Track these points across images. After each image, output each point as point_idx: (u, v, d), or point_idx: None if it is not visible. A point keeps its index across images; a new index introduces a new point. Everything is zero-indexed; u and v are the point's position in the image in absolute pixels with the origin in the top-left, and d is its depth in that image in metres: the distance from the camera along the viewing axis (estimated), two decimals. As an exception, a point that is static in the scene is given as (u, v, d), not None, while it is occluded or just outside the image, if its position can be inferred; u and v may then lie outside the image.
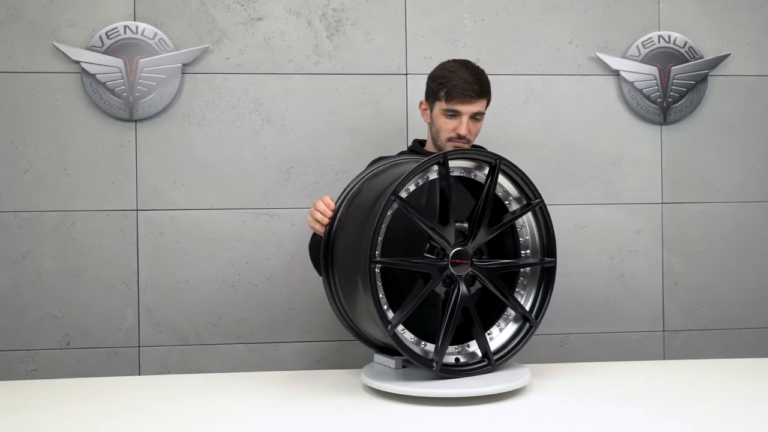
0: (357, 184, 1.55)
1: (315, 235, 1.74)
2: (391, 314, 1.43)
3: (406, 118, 2.34)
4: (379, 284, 1.42)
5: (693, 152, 2.45)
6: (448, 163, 1.47)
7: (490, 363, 1.51)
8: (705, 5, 2.45)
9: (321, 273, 1.59)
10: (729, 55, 2.44)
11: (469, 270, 1.50)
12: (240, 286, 2.29)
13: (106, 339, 2.24)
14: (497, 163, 1.53)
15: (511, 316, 1.59)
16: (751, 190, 2.47)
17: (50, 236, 2.22)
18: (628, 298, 2.43)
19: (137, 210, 2.25)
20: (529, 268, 1.61)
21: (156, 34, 2.24)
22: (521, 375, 1.49)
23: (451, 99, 1.76)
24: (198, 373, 2.23)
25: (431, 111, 1.84)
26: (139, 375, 2.23)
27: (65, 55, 2.21)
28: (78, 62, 2.21)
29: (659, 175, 2.44)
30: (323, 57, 2.32)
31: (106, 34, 2.22)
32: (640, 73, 2.41)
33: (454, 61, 1.82)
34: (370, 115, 2.33)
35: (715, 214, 2.45)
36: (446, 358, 1.49)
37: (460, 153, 1.52)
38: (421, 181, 1.49)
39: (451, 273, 1.47)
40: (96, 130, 2.24)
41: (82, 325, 2.23)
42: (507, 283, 1.59)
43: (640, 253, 2.43)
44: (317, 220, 1.57)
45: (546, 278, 1.59)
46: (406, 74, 2.34)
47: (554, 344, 2.41)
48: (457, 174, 1.53)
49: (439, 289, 1.51)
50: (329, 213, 1.54)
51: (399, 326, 1.44)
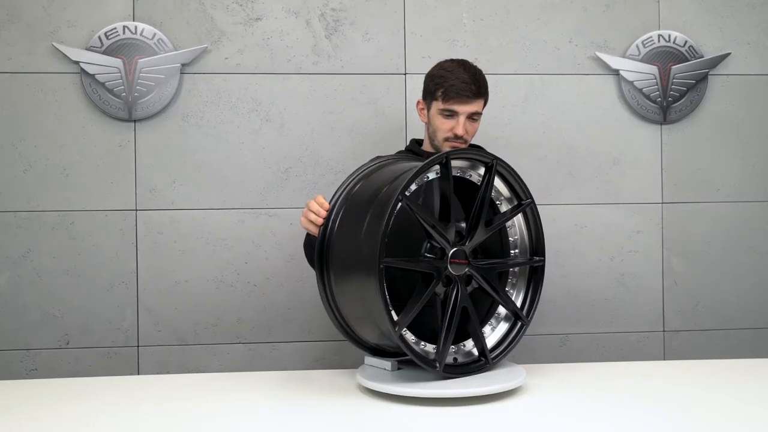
0: (351, 183, 1.55)
1: (309, 233, 1.73)
2: (394, 315, 1.43)
3: (405, 117, 2.33)
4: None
5: (693, 152, 2.44)
6: (450, 163, 1.48)
7: (488, 361, 1.52)
8: (705, 4, 2.44)
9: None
10: (729, 54, 2.43)
11: (466, 270, 1.50)
12: (239, 286, 2.29)
13: (106, 339, 2.25)
14: (494, 164, 1.53)
15: (501, 315, 1.60)
16: (751, 190, 2.46)
17: (49, 236, 2.23)
18: (628, 299, 2.42)
19: (136, 210, 2.26)
20: (518, 267, 1.62)
21: (155, 35, 2.24)
22: (517, 375, 1.49)
23: (448, 99, 1.75)
24: (197, 372, 2.24)
25: (428, 111, 1.83)
26: (138, 375, 2.23)
27: (64, 55, 2.21)
28: (77, 62, 2.22)
29: (659, 175, 2.43)
30: (322, 57, 2.32)
31: (105, 34, 2.23)
32: (640, 72, 2.40)
33: (451, 60, 1.81)
34: (369, 115, 2.33)
35: (716, 213, 2.44)
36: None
37: (460, 153, 1.52)
38: (421, 181, 1.49)
39: (450, 273, 1.48)
40: (95, 130, 2.24)
41: (82, 325, 2.24)
42: (498, 282, 1.59)
43: (640, 253, 2.42)
44: (311, 221, 1.55)
45: (535, 277, 1.61)
46: (405, 74, 2.34)
47: (554, 344, 2.40)
48: (453, 174, 1.52)
49: (439, 289, 1.51)
50: (323, 213, 1.52)
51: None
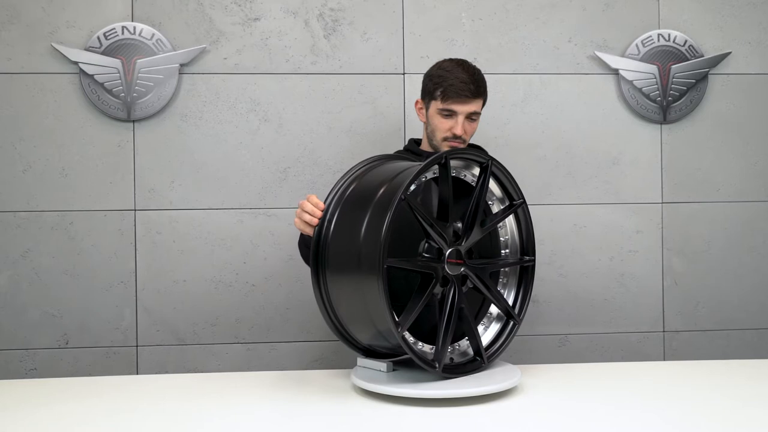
0: (345, 183, 1.54)
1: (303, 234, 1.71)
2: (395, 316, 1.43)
3: (403, 117, 2.33)
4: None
5: (693, 151, 2.43)
6: (449, 164, 1.47)
7: (483, 361, 1.52)
8: (705, 3, 2.42)
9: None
10: (730, 53, 2.42)
11: (462, 269, 1.50)
12: (237, 286, 2.29)
13: (104, 338, 2.25)
14: (489, 164, 1.53)
15: (493, 315, 1.61)
16: (752, 190, 2.44)
17: (49, 236, 2.23)
18: (628, 299, 2.41)
19: (135, 210, 2.26)
20: (508, 267, 1.63)
21: (153, 35, 2.25)
22: (512, 375, 1.49)
23: (447, 99, 1.75)
24: (195, 372, 2.24)
25: (427, 110, 1.83)
26: (137, 374, 2.24)
27: (63, 55, 2.22)
28: (76, 63, 2.22)
29: (659, 175, 2.42)
30: (320, 57, 2.31)
31: (104, 34, 2.23)
32: (639, 71, 2.39)
33: (450, 60, 1.81)
34: (368, 115, 2.32)
35: (716, 213, 2.43)
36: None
37: (459, 153, 1.52)
38: (419, 181, 1.49)
39: (447, 273, 1.48)
40: (94, 130, 2.25)
41: (81, 325, 2.24)
42: (492, 282, 1.58)
43: (639, 253, 2.41)
44: (306, 222, 1.52)
45: (526, 277, 1.62)
46: (404, 74, 2.33)
47: (553, 345, 2.39)
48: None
49: (436, 289, 1.51)
50: (318, 213, 1.50)
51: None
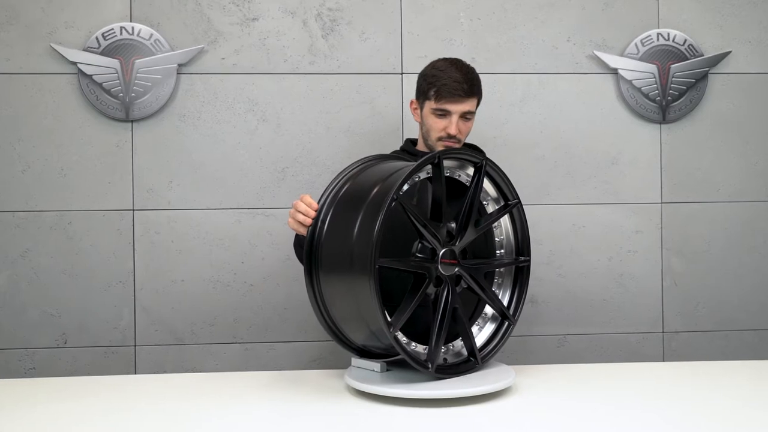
0: (339, 183, 1.54)
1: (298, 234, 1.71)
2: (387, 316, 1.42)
3: (401, 117, 2.33)
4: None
5: (693, 151, 2.42)
6: (442, 163, 1.47)
7: (477, 361, 1.52)
8: (705, 2, 2.41)
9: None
10: (730, 52, 2.41)
11: (456, 270, 1.49)
12: (235, 286, 2.29)
13: (103, 338, 2.26)
14: (483, 164, 1.52)
15: (488, 315, 1.60)
16: (752, 190, 2.43)
17: (47, 236, 2.24)
18: (627, 299, 2.40)
19: (133, 210, 2.26)
20: (504, 267, 1.63)
21: (152, 35, 2.25)
22: (506, 375, 1.49)
23: (441, 98, 1.74)
24: (194, 372, 2.24)
25: (421, 110, 1.82)
26: (135, 374, 2.24)
27: (62, 56, 2.23)
28: (75, 63, 2.23)
29: (659, 175, 2.41)
30: (318, 57, 2.31)
31: (103, 35, 2.24)
32: (638, 71, 2.38)
33: (444, 59, 1.80)
34: (366, 115, 2.32)
35: (716, 213, 2.42)
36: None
37: (453, 153, 1.52)
38: (412, 181, 1.49)
39: (440, 273, 1.47)
40: (92, 130, 2.25)
41: (79, 324, 2.25)
42: (486, 282, 1.58)
43: (639, 253, 2.40)
44: (299, 222, 1.52)
45: (521, 277, 1.61)
46: (402, 73, 2.33)
47: (552, 346, 2.39)
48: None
49: (430, 290, 1.50)
50: (312, 213, 1.50)
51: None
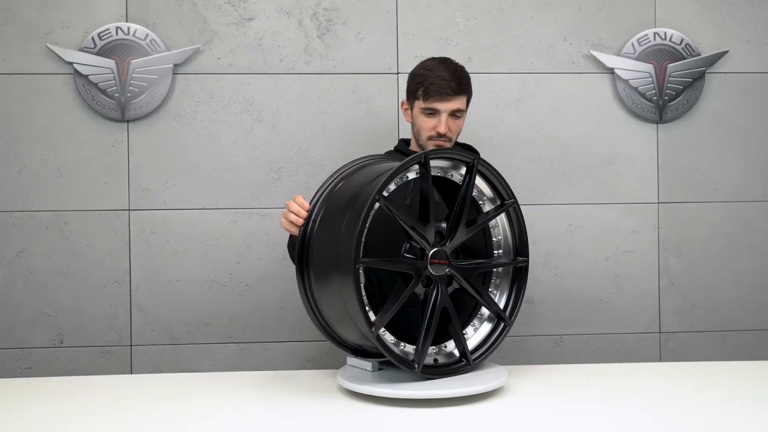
0: (332, 183, 1.54)
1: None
2: (372, 316, 1.42)
3: (397, 117, 2.33)
4: (362, 284, 1.41)
5: (690, 151, 2.41)
6: (429, 163, 1.47)
7: (469, 363, 1.51)
8: (702, 1, 2.40)
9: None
10: (727, 52, 2.40)
11: (446, 270, 1.49)
12: (231, 286, 2.29)
13: (99, 338, 2.26)
14: (474, 164, 1.52)
15: (484, 316, 1.59)
16: (749, 190, 2.42)
17: (43, 235, 2.24)
18: (624, 299, 2.39)
19: (129, 210, 2.27)
20: (501, 268, 1.61)
21: (147, 35, 2.25)
22: (498, 376, 1.48)
23: (429, 97, 1.74)
24: (189, 372, 2.25)
25: (411, 110, 1.82)
26: (131, 373, 2.24)
27: (58, 56, 2.23)
28: (71, 63, 2.23)
29: (655, 175, 2.40)
30: (314, 56, 2.31)
31: (99, 35, 2.24)
32: (635, 71, 2.37)
33: (432, 59, 1.80)
34: (361, 115, 2.32)
35: (713, 213, 2.41)
36: (425, 359, 1.48)
37: (440, 152, 1.51)
38: (400, 181, 1.48)
39: (430, 273, 1.47)
40: (88, 130, 2.26)
41: (75, 324, 2.25)
42: (480, 282, 1.58)
43: (635, 253, 2.39)
44: (291, 222, 1.53)
45: (519, 278, 1.60)
46: (398, 73, 2.33)
47: (548, 346, 2.38)
48: (434, 174, 1.52)
49: (419, 290, 1.50)
50: (304, 213, 1.51)
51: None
